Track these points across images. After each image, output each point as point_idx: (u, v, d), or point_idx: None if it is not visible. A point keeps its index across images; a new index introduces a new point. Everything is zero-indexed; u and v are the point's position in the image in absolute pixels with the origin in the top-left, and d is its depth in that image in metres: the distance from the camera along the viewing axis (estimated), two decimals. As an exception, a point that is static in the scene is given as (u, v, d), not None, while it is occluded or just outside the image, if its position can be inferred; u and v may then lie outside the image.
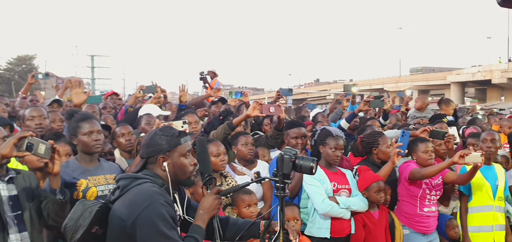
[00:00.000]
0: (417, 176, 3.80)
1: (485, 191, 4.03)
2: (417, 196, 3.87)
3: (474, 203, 4.05)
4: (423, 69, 63.74)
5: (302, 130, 4.11)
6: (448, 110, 6.71)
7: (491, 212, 4.04)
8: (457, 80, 50.48)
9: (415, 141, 4.01)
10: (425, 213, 3.88)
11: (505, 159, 4.61)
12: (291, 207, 3.50)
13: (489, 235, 4.02)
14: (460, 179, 3.93)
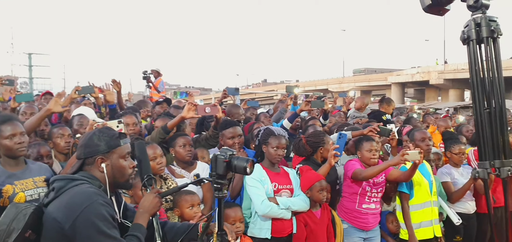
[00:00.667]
0: (359, 177, 3.88)
1: (424, 188, 4.19)
2: (357, 192, 3.96)
3: (415, 200, 4.18)
4: (365, 70, 66.06)
5: (237, 129, 4.10)
6: (389, 109, 7.00)
7: (429, 208, 4.21)
8: (398, 81, 52.69)
9: (361, 140, 4.10)
10: (363, 209, 3.96)
11: (437, 156, 4.83)
12: (235, 208, 3.48)
13: (429, 230, 4.18)
14: (403, 176, 4.03)
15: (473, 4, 2.07)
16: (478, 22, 2.07)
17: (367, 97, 8.97)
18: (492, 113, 1.99)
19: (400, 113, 10.45)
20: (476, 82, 2.08)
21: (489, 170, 2.02)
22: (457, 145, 4.70)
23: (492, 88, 2.02)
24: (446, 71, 45.18)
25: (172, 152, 3.82)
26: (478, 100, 2.05)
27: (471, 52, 2.09)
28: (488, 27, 2.05)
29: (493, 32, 2.04)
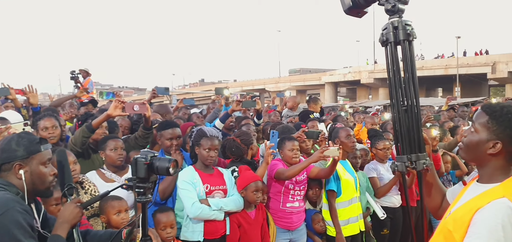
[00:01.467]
0: (282, 177, 3.90)
1: (350, 185, 4.31)
2: (281, 191, 3.98)
3: (342, 198, 4.27)
4: (300, 70, 67.67)
5: (177, 130, 3.99)
6: (316, 108, 7.23)
7: (356, 204, 4.34)
8: (331, 81, 54.48)
9: (283, 139, 4.12)
10: (288, 208, 3.99)
11: (364, 152, 5.01)
12: (167, 213, 3.39)
13: (355, 225, 4.31)
14: (323, 172, 4.09)
15: (390, 8, 2.14)
16: (395, 25, 2.15)
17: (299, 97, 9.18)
18: (408, 110, 2.07)
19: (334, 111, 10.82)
20: (394, 82, 2.17)
21: (406, 163, 2.11)
22: (381, 141, 4.91)
23: (408, 87, 2.11)
24: (376, 71, 47.34)
25: (102, 155, 3.64)
26: (396, 99, 2.14)
27: (389, 54, 2.18)
28: (404, 30, 2.14)
29: (409, 35, 2.14)
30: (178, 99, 8.55)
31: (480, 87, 46.74)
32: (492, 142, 1.73)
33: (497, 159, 1.74)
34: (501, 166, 1.75)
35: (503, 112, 1.72)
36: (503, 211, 1.57)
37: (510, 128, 1.70)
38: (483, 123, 1.76)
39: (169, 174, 2.15)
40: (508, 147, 1.72)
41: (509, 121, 1.70)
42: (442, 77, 46.81)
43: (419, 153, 2.04)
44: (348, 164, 4.48)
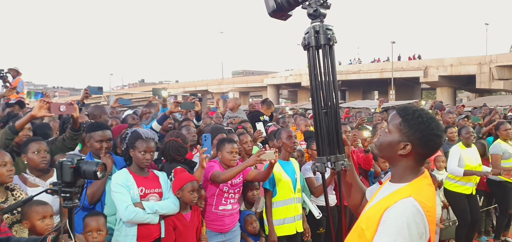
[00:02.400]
0: (218, 179, 3.88)
1: (287, 185, 4.37)
2: (214, 194, 3.96)
3: (278, 198, 4.33)
4: (243, 72, 67.97)
5: (107, 133, 3.86)
6: (268, 111, 7.32)
7: (292, 204, 4.40)
8: (273, 83, 55.15)
9: (223, 141, 4.11)
10: (220, 211, 3.97)
11: (300, 153, 5.11)
12: (95, 217, 3.28)
13: (292, 226, 4.38)
14: (260, 175, 4.13)
15: (312, 12, 2.18)
16: (317, 29, 2.18)
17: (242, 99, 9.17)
18: (328, 113, 2.12)
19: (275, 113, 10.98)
20: (315, 85, 2.22)
21: (326, 164, 2.16)
22: (316, 142, 5.02)
23: (328, 90, 2.16)
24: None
25: (24, 158, 3.44)
26: (317, 102, 2.18)
27: (310, 58, 2.22)
28: (325, 34, 2.17)
29: (329, 40, 2.18)
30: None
31: (413, 91, 49.22)
32: (402, 143, 1.79)
33: (407, 159, 1.81)
34: (411, 166, 1.82)
35: (414, 116, 1.79)
36: (408, 209, 1.63)
37: (420, 131, 1.77)
38: (396, 124, 1.83)
39: (97, 178, 2.09)
40: (417, 149, 1.78)
41: (419, 125, 1.77)
42: (378, 80, 48.80)
43: (338, 154, 2.10)
44: (291, 164, 4.53)
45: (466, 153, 5.86)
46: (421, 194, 1.70)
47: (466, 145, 5.89)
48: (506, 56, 39.54)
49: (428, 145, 1.79)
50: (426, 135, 1.77)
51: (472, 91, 45.70)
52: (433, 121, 1.80)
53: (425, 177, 1.82)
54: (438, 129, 1.80)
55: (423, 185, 1.78)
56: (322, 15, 2.16)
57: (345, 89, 54.90)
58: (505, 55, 39.89)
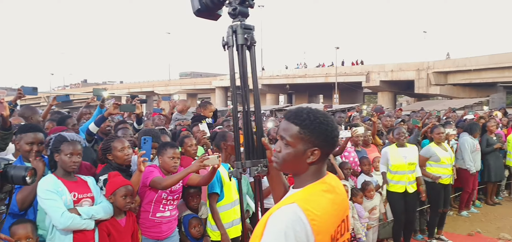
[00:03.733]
0: (159, 186, 3.74)
1: (231, 188, 4.32)
2: (152, 200, 3.82)
3: (225, 200, 4.27)
4: (191, 74, 67.19)
5: (39, 135, 3.65)
6: (206, 112, 7.21)
7: (237, 206, 4.34)
8: (221, 85, 54.99)
9: (165, 145, 3.98)
10: (157, 218, 3.84)
11: (243, 156, 5.09)
12: (23, 224, 3.11)
13: (238, 227, 4.33)
14: (203, 180, 4.02)
15: (231, 11, 2.13)
16: (235, 29, 2.15)
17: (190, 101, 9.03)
18: (245, 116, 2.09)
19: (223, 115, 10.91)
20: (234, 87, 2.18)
21: (240, 170, 2.12)
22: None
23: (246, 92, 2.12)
24: (263, 77, 48.90)
25: None
26: (234, 104, 2.14)
27: (229, 58, 2.19)
28: (242, 35, 2.13)
29: (246, 40, 2.15)
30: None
31: (356, 95, 50.84)
32: (310, 150, 1.68)
33: (316, 164, 1.71)
34: (316, 169, 1.72)
35: (311, 119, 1.68)
36: (288, 217, 1.52)
37: (323, 132, 1.68)
38: (295, 134, 1.68)
39: (26, 184, 1.95)
40: (324, 150, 1.70)
41: (320, 125, 1.68)
42: (323, 84, 49.98)
43: (254, 159, 2.05)
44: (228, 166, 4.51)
45: (396, 152, 6.09)
46: (309, 201, 1.60)
47: (399, 145, 6.13)
48: (442, 63, 41.81)
49: (332, 142, 1.71)
50: (329, 133, 1.69)
51: (411, 96, 47.87)
52: (326, 116, 1.73)
53: (322, 183, 1.71)
54: (333, 122, 1.73)
55: (315, 192, 1.66)
56: (242, 14, 2.11)
57: (292, 92, 55.74)
58: (441, 62, 42.17)
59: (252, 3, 2.15)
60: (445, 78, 40.78)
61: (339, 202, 1.72)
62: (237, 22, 2.12)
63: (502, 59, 35.70)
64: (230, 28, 2.11)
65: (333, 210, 1.66)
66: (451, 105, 22.42)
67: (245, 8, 2.11)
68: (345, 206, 1.78)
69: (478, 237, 6.94)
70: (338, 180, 1.86)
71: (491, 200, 9.00)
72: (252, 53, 2.15)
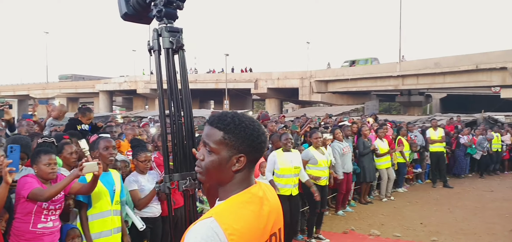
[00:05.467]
0: (40, 198, 3.47)
1: (104, 197, 4.11)
2: (32, 211, 3.54)
3: (94, 210, 4.05)
4: (72, 76, 62.76)
5: None
6: (84, 119, 6.81)
7: (109, 217, 4.15)
8: (105, 89, 52.45)
9: (38, 152, 3.67)
10: (39, 229, 3.58)
11: (124, 163, 4.89)
12: None
13: (109, 239, 4.12)
14: (84, 188, 3.85)
15: (157, 13, 2.02)
16: (160, 32, 2.05)
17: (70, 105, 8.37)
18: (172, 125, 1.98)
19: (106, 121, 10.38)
20: (160, 93, 2.06)
21: (168, 184, 2.00)
22: (143, 153, 4.85)
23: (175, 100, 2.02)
24: (152, 81, 47.70)
25: None
26: (161, 112, 2.03)
27: (155, 62, 2.07)
28: (167, 38, 2.02)
29: (172, 44, 2.04)
30: None
31: (246, 101, 52.10)
32: (235, 157, 1.54)
33: (242, 172, 1.58)
34: (242, 178, 1.58)
35: (235, 123, 1.55)
36: (202, 232, 1.42)
37: (248, 137, 1.55)
38: (219, 140, 1.55)
39: None
40: (250, 157, 1.57)
41: (245, 130, 1.55)
42: (213, 90, 50.35)
43: (183, 172, 1.94)
44: (108, 174, 4.27)
45: (283, 157, 6.36)
46: (228, 214, 1.48)
47: (285, 149, 6.39)
48: (323, 72, 44.73)
49: (259, 148, 1.58)
50: (255, 138, 1.56)
51: (296, 103, 50.40)
52: (252, 120, 1.61)
53: (246, 193, 1.56)
54: (260, 127, 1.61)
55: (237, 203, 1.53)
56: (168, 16, 2.00)
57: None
58: (322, 71, 45.11)
59: (181, 5, 2.03)
60: (326, 86, 43.67)
61: (266, 215, 1.56)
62: (163, 25, 1.98)
63: (374, 70, 39.34)
64: (155, 31, 1.97)
65: (258, 223, 1.52)
66: (331, 111, 24.10)
67: (171, 10, 1.98)
68: (275, 219, 1.63)
69: (351, 234, 7.50)
70: (271, 189, 1.72)
71: (364, 199, 9.80)
72: (181, 58, 2.02)
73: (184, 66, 2.08)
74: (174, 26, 2.03)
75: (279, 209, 1.69)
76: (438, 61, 34.73)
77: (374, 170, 9.86)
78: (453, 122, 15.99)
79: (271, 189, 1.71)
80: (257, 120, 1.62)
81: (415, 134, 12.28)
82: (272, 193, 1.69)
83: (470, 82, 33.99)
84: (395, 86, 39.17)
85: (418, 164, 12.27)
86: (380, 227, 7.84)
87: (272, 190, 1.71)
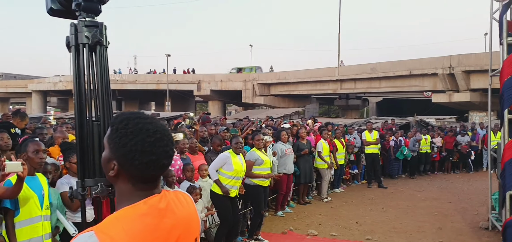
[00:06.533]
0: None
1: (32, 202, 3.89)
2: None
3: (22, 216, 3.83)
4: (3, 75, 59.16)
5: None
6: (21, 124, 6.56)
7: (40, 223, 3.94)
8: (39, 89, 49.92)
9: None
10: None
11: (54, 167, 4.66)
12: None
13: None
14: (8, 192, 3.61)
15: (75, 7, 1.93)
16: (77, 27, 1.96)
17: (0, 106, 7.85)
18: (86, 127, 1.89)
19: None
20: (76, 93, 1.97)
21: (79, 190, 1.92)
22: (75, 155, 4.66)
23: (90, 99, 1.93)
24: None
25: None
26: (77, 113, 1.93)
27: (72, 59, 1.97)
28: (84, 33, 1.93)
29: (88, 39, 1.95)
30: None
31: (188, 103, 51.52)
32: (112, 162, 1.40)
33: (121, 182, 1.42)
34: (128, 190, 1.42)
35: (121, 125, 1.40)
36: None
37: (123, 145, 1.38)
38: (107, 137, 1.44)
39: None
40: (126, 170, 1.40)
41: (122, 138, 1.38)
42: (154, 91, 49.36)
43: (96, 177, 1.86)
44: (35, 179, 4.04)
45: (236, 158, 6.36)
46: (115, 228, 1.31)
47: (236, 152, 6.38)
48: (266, 75, 45.24)
49: (134, 165, 1.37)
50: (129, 150, 1.37)
51: (239, 105, 50.59)
52: (142, 132, 1.39)
53: (143, 204, 1.39)
54: (144, 143, 1.38)
55: (129, 215, 1.35)
56: (87, 9, 1.90)
57: (121, 99, 53.67)
58: (265, 74, 45.62)
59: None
60: (268, 89, 44.18)
61: (166, 228, 1.39)
62: (82, 19, 1.87)
63: (315, 74, 40.32)
64: (72, 25, 1.85)
65: (154, 238, 1.35)
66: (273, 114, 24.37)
67: (91, 4, 1.87)
68: (182, 233, 1.46)
69: (290, 235, 7.62)
70: (183, 201, 1.53)
71: (302, 200, 9.99)
72: (100, 54, 1.90)
73: (103, 64, 1.99)
74: (94, 20, 1.94)
75: (191, 222, 1.52)
76: (374, 66, 36.19)
77: (311, 171, 10.08)
78: (387, 124, 16.71)
79: (183, 201, 1.53)
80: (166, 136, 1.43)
81: (354, 136, 12.71)
82: (182, 204, 1.51)
83: (404, 87, 35.70)
84: (334, 90, 40.37)
85: (354, 165, 12.71)
86: (318, 227, 8.02)
87: (184, 202, 1.53)
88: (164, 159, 1.42)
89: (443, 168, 15.67)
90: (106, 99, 1.94)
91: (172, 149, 1.46)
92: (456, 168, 15.81)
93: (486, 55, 26.34)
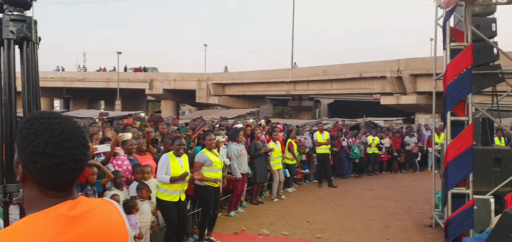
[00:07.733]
0: None
1: None
2: None
3: None
4: None
5: None
6: None
7: None
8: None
9: None
10: None
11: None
12: None
13: None
14: None
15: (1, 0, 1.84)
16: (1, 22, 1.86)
17: None
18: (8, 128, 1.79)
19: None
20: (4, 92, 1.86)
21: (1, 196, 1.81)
22: None
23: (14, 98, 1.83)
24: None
25: None
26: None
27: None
28: (8, 27, 1.85)
29: (12, 33, 1.86)
30: None
31: (140, 102, 50.49)
32: (18, 165, 1.30)
33: (28, 187, 1.31)
34: (35, 196, 1.30)
35: (26, 125, 1.29)
36: None
37: (25, 147, 1.27)
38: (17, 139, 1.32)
39: None
40: (31, 173, 1.28)
41: (24, 139, 1.27)
42: (104, 90, 48.01)
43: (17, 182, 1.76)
44: None
45: (175, 161, 6.20)
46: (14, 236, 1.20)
47: (177, 154, 6.23)
48: (220, 75, 45.15)
49: (36, 168, 1.25)
50: (30, 152, 1.25)
51: (193, 105, 50.14)
52: (45, 133, 1.26)
53: (50, 211, 1.26)
54: (47, 145, 1.25)
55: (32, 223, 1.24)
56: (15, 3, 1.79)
57: (69, 97, 51.84)
58: (220, 74, 45.52)
59: None
60: (223, 89, 44.12)
61: (74, 238, 1.26)
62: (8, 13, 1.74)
63: (269, 75, 40.67)
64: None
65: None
66: (227, 114, 24.33)
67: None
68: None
69: (242, 235, 7.60)
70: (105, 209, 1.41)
71: (255, 200, 10.01)
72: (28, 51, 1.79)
73: (31, 61, 1.89)
74: (22, 15, 1.85)
75: (111, 232, 1.38)
76: (326, 69, 36.99)
77: (266, 171, 10.13)
78: (338, 125, 17.09)
79: (106, 209, 1.41)
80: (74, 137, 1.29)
81: (305, 137, 12.90)
82: (103, 213, 1.39)
83: (355, 89, 36.74)
84: (287, 92, 40.91)
85: (306, 165, 12.91)
86: (270, 227, 8.06)
87: (106, 210, 1.41)
88: (70, 163, 1.27)
89: (390, 168, 16.23)
90: (33, 99, 1.84)
91: (82, 152, 1.31)
92: (403, 168, 16.41)
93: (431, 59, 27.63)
